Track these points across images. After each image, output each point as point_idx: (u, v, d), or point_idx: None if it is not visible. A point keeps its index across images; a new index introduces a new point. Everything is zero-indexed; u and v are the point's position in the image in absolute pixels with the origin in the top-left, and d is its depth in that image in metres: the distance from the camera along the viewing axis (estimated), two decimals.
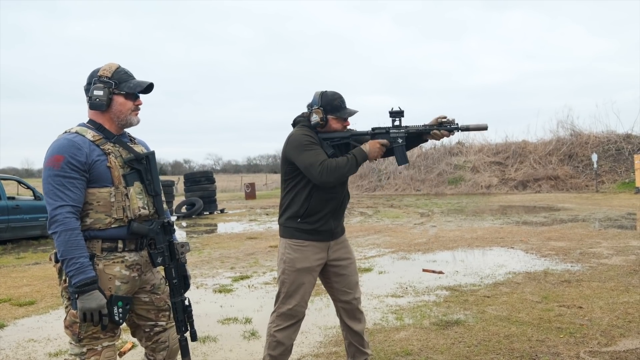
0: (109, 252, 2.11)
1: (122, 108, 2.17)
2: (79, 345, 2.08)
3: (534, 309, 4.37)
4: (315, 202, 2.72)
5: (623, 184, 20.60)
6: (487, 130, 2.64)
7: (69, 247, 1.98)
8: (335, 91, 2.79)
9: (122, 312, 2.08)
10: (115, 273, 2.10)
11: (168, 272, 2.22)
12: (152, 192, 2.22)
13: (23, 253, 9.51)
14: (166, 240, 2.22)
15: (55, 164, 2.02)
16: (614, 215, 11.97)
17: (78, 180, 2.04)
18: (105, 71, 2.16)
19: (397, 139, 2.68)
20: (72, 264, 1.98)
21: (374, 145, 2.65)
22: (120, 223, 2.11)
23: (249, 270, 6.84)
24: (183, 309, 2.23)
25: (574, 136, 24.79)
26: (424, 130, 2.68)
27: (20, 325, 4.60)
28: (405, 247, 8.21)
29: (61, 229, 1.98)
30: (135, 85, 2.17)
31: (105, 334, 2.09)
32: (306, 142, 2.66)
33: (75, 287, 1.98)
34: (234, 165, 76.54)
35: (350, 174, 2.64)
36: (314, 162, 2.59)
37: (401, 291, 5.32)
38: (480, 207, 15.78)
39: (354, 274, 2.92)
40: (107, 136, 2.17)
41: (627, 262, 6.25)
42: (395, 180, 26.96)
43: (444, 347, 3.56)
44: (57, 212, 1.99)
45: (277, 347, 2.77)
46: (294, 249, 2.76)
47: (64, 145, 2.05)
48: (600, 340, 3.56)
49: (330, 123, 2.75)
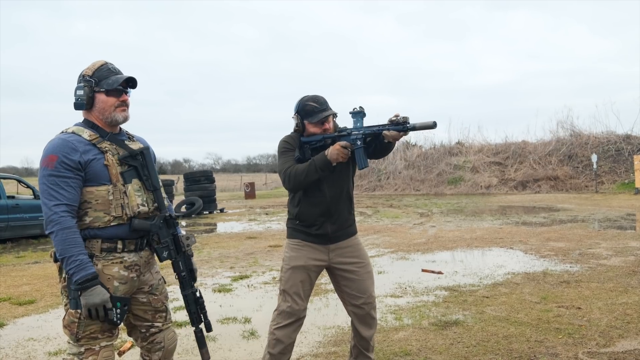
0: (108, 253, 2.10)
1: (104, 105, 2.15)
2: (77, 344, 2.08)
3: (532, 310, 4.38)
4: (304, 205, 2.76)
5: (622, 184, 20.62)
6: (434, 128, 2.47)
7: (67, 246, 1.98)
8: (312, 95, 2.75)
9: (120, 312, 2.08)
10: (113, 273, 2.10)
11: (175, 265, 2.23)
12: (151, 188, 2.21)
13: (23, 252, 9.52)
14: (170, 233, 2.22)
15: (49, 163, 2.03)
16: (613, 216, 11.98)
17: (72, 179, 2.03)
18: (88, 70, 2.16)
19: (357, 141, 2.60)
20: (71, 261, 1.98)
21: (334, 149, 2.58)
22: (119, 221, 2.10)
23: (249, 269, 6.85)
24: (195, 301, 2.24)
25: (573, 137, 24.80)
26: (377, 131, 2.57)
27: (19, 324, 4.60)
28: (404, 247, 8.22)
29: (57, 228, 1.99)
30: (113, 81, 2.15)
31: (103, 334, 2.09)
32: (282, 149, 2.75)
33: (77, 285, 1.98)
34: (234, 165, 76.59)
35: (311, 179, 2.61)
36: (281, 169, 2.70)
37: (400, 291, 5.33)
38: (479, 208, 15.79)
39: (366, 278, 2.87)
40: (102, 134, 2.17)
41: (626, 263, 6.26)
42: (395, 180, 26.97)
43: (442, 347, 3.57)
44: (53, 212, 1.99)
45: (276, 345, 2.78)
46: (292, 248, 2.83)
47: (58, 145, 2.06)
48: (599, 341, 3.57)
49: (307, 128, 2.75)
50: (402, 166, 27.57)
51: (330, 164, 2.61)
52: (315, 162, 2.61)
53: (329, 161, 2.59)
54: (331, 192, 2.77)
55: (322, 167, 2.60)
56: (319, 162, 2.60)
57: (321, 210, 2.76)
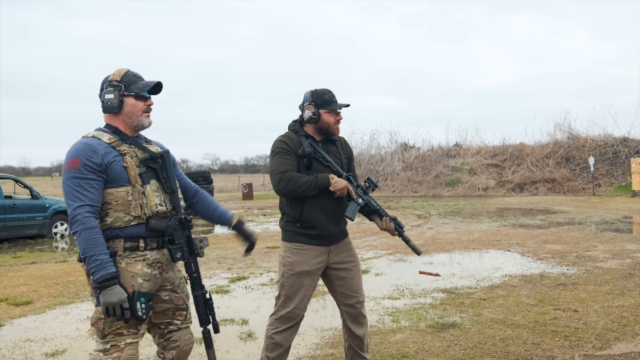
0: (131, 251, 2.17)
1: (133, 109, 2.25)
2: (103, 341, 2.13)
3: (529, 312, 4.39)
4: (309, 207, 2.73)
5: (620, 187, 20.67)
6: (418, 255, 2.92)
7: (89, 245, 2.04)
8: (324, 88, 2.83)
9: (145, 307, 2.13)
10: (137, 271, 2.16)
11: (188, 266, 2.29)
12: (169, 190, 2.28)
13: (20, 252, 9.50)
14: (184, 235, 2.28)
15: (72, 166, 2.11)
16: (610, 218, 12.02)
17: (95, 181, 2.11)
18: (115, 76, 2.25)
19: (359, 198, 2.79)
20: (92, 261, 2.04)
21: (341, 182, 2.70)
22: (139, 220, 2.18)
23: (246, 271, 6.85)
24: (204, 302, 2.31)
25: (571, 139, 24.88)
26: (379, 212, 2.83)
27: (16, 325, 4.60)
28: (402, 249, 8.22)
29: (81, 228, 2.05)
30: (143, 86, 2.25)
31: (128, 331, 2.14)
32: (279, 149, 2.73)
33: (96, 283, 2.04)
34: (232, 166, 76.55)
35: (307, 193, 2.66)
36: (276, 169, 2.68)
37: (398, 293, 5.34)
38: (477, 210, 15.82)
39: (358, 278, 2.91)
40: (123, 138, 2.25)
41: (622, 266, 6.28)
42: (393, 182, 27.00)
43: (439, 349, 3.57)
44: (77, 212, 2.06)
45: (275, 349, 2.78)
46: (294, 252, 2.77)
47: (80, 148, 2.14)
48: (595, 343, 3.58)
49: (322, 117, 2.77)
50: (400, 168, 27.62)
51: (327, 188, 2.69)
52: (318, 181, 2.66)
53: (329, 186, 2.68)
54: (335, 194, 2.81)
55: (321, 188, 2.67)
56: (320, 183, 2.66)
57: (327, 212, 2.76)
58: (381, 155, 30.11)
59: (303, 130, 2.80)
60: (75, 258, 8.82)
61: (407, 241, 2.88)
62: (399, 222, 2.88)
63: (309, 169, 2.72)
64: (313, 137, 2.80)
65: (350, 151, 3.01)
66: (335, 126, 2.81)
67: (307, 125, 2.80)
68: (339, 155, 2.88)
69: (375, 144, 31.17)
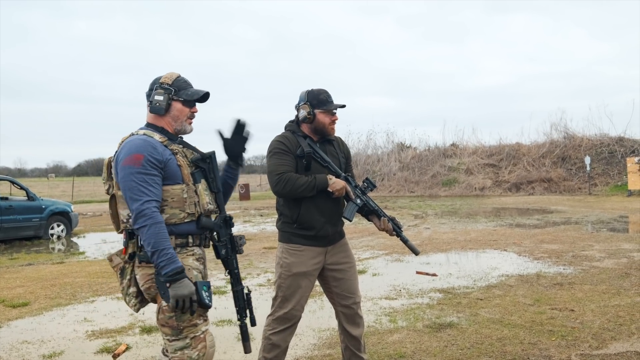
0: (181, 247, 2.22)
1: (179, 114, 2.31)
2: (181, 337, 2.15)
3: (526, 312, 4.41)
4: (307, 208, 2.73)
5: (615, 186, 20.74)
6: (416, 255, 2.98)
7: (159, 239, 2.07)
8: (319, 88, 2.83)
9: (209, 295, 2.17)
10: (191, 264, 2.22)
11: (230, 262, 2.34)
12: (215, 189, 2.34)
13: (16, 254, 9.47)
14: (228, 233, 2.34)
15: (136, 162, 2.13)
16: (606, 218, 12.06)
17: (157, 177, 2.16)
18: (166, 79, 2.31)
19: (357, 199, 2.82)
20: (163, 254, 2.06)
21: (340, 183, 2.72)
22: (192, 218, 2.24)
23: (243, 272, 6.85)
24: (244, 296, 2.35)
25: (567, 139, 24.94)
26: (378, 212, 2.87)
27: (13, 327, 4.59)
28: (399, 249, 8.23)
29: (150, 222, 2.07)
30: (193, 93, 2.31)
31: (200, 319, 2.18)
32: (277, 149, 2.74)
33: (167, 277, 2.06)
34: None
35: (305, 194, 2.67)
36: (274, 169, 2.69)
37: (395, 293, 5.35)
38: (473, 209, 15.85)
39: (354, 278, 2.92)
40: (171, 138, 2.30)
41: (618, 265, 6.31)
42: (390, 182, 27.02)
43: (437, 349, 3.58)
44: (145, 207, 2.08)
45: (272, 350, 2.78)
46: (291, 253, 2.77)
47: (141, 144, 2.16)
48: (592, 343, 3.60)
49: (318, 117, 2.78)
50: (397, 168, 27.64)
51: (325, 189, 2.70)
52: (317, 182, 2.67)
53: (327, 188, 2.69)
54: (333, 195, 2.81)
55: (319, 189, 2.68)
56: (319, 184, 2.68)
57: (324, 213, 2.76)
58: (378, 155, 30.13)
59: (300, 131, 2.80)
60: (74, 259, 8.76)
61: (405, 241, 2.90)
62: (397, 223, 2.90)
63: (307, 169, 2.72)
64: (311, 137, 2.80)
65: (347, 151, 3.01)
66: (330, 126, 2.81)
67: (303, 125, 2.81)
68: (337, 155, 2.89)
69: (372, 144, 31.20)
